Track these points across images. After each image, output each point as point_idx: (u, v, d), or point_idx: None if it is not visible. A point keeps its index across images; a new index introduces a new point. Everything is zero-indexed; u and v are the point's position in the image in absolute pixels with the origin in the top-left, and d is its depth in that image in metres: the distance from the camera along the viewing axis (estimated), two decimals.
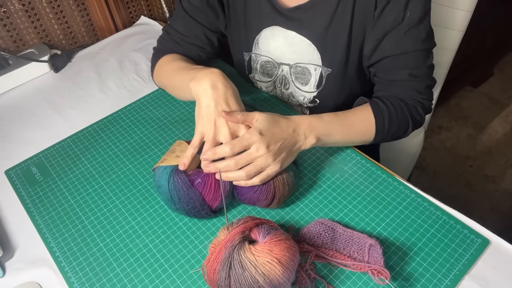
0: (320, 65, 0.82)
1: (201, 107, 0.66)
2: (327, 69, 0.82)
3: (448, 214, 0.70)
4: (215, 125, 0.65)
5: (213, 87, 0.65)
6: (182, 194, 0.65)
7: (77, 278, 0.65)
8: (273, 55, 0.86)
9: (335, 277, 0.63)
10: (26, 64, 1.03)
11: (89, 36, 1.20)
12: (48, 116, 0.95)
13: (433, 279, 0.62)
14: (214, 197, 0.66)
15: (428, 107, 0.80)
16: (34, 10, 1.05)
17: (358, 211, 0.71)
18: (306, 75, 0.84)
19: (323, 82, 0.84)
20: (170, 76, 0.83)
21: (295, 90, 0.89)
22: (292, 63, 0.84)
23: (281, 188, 0.67)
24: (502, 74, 2.25)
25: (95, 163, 0.82)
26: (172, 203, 0.67)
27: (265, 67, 0.89)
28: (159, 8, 1.29)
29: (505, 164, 1.83)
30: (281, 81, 0.89)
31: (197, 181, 0.66)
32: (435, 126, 1.99)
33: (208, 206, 0.66)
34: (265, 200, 0.67)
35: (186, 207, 0.66)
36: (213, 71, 0.67)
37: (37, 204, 0.76)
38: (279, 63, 0.86)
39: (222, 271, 0.53)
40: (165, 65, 0.86)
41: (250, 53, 0.89)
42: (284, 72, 0.87)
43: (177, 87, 0.81)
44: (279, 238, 0.56)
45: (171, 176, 0.65)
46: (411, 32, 0.72)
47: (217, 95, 0.65)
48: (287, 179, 0.67)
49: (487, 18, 1.62)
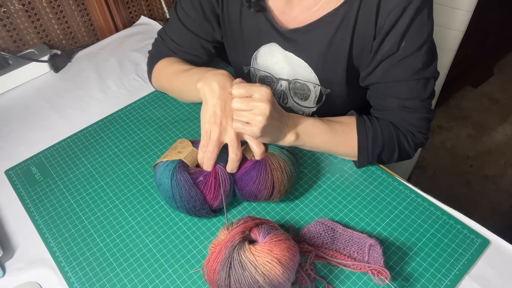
0: (318, 84, 0.81)
1: (208, 107, 0.65)
2: (326, 90, 0.81)
3: (448, 214, 0.70)
4: (221, 125, 0.64)
5: (222, 88, 0.65)
6: (184, 192, 0.64)
7: (77, 278, 0.65)
8: (271, 70, 0.84)
9: (335, 277, 0.63)
10: (26, 64, 1.03)
11: (89, 36, 1.20)
12: (48, 116, 0.95)
13: (433, 279, 0.62)
14: (214, 196, 0.66)
15: (420, 139, 0.76)
16: (34, 10, 1.06)
17: (358, 211, 0.71)
18: (305, 91, 0.83)
19: (323, 99, 0.83)
20: (171, 79, 0.83)
21: (294, 105, 0.88)
22: (291, 79, 0.83)
23: (279, 176, 0.66)
24: (502, 74, 2.25)
25: (95, 163, 0.82)
26: (174, 201, 0.66)
27: (263, 82, 0.87)
28: (159, 8, 1.29)
29: (505, 164, 1.83)
30: (280, 96, 0.88)
31: (199, 179, 0.65)
32: (435, 126, 1.99)
33: (208, 205, 0.66)
34: (266, 190, 0.66)
35: (187, 205, 0.66)
36: (222, 72, 0.67)
37: (37, 204, 0.76)
38: (278, 78, 0.85)
39: (222, 271, 0.53)
40: (165, 69, 0.86)
41: (249, 67, 0.88)
42: (283, 87, 0.85)
43: (181, 90, 0.80)
44: (279, 238, 0.56)
45: (173, 174, 0.65)
46: (404, 61, 0.69)
47: (226, 96, 0.65)
48: (285, 167, 0.67)
49: (487, 18, 1.62)
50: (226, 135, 0.65)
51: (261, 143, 0.66)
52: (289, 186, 0.68)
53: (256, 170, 0.65)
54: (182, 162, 0.66)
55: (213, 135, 0.64)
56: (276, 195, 0.68)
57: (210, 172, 0.66)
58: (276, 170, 0.66)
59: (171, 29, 0.87)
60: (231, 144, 0.65)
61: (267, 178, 0.65)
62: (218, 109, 0.64)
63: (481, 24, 1.56)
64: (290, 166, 0.68)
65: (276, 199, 0.69)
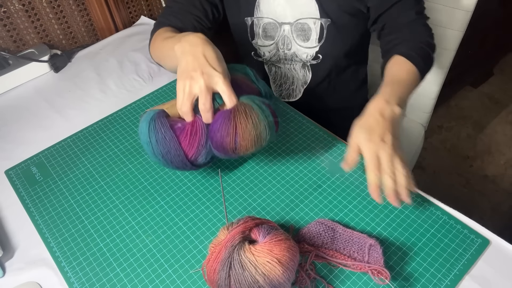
0: (318, 17, 0.87)
1: (181, 65, 0.68)
2: (327, 20, 0.87)
3: (448, 214, 0.70)
4: (192, 79, 0.66)
5: (192, 45, 0.68)
6: (160, 135, 0.66)
7: (77, 278, 0.65)
8: (274, 15, 0.90)
9: (335, 277, 0.63)
10: (26, 64, 1.03)
11: (89, 36, 1.20)
12: (48, 116, 0.95)
13: (433, 279, 0.62)
14: (190, 144, 0.67)
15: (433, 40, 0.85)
16: (34, 10, 1.06)
17: (358, 211, 0.71)
18: (306, 31, 0.89)
19: (324, 34, 0.89)
20: (160, 46, 0.85)
21: (298, 48, 0.93)
22: (293, 21, 0.89)
23: (242, 122, 0.64)
24: (502, 74, 2.25)
25: (95, 163, 0.82)
26: (150, 145, 0.67)
27: (267, 30, 0.92)
28: (159, 8, 1.29)
29: (505, 164, 1.83)
30: (283, 42, 0.93)
31: (176, 126, 0.67)
32: (435, 126, 1.99)
33: (183, 151, 0.67)
34: (228, 137, 0.64)
35: (162, 150, 0.66)
36: (197, 34, 0.70)
37: (37, 204, 0.76)
38: (280, 23, 0.90)
39: (222, 271, 0.53)
40: (157, 37, 0.88)
41: (252, 18, 0.92)
42: (286, 32, 0.91)
43: (166, 56, 0.81)
44: (279, 238, 0.56)
45: (152, 119, 0.67)
46: None
47: (194, 51, 0.67)
48: (250, 113, 0.65)
49: (487, 18, 1.62)
50: (196, 86, 0.66)
51: (233, 95, 0.66)
52: (255, 135, 0.65)
53: (221, 117, 0.65)
54: (164, 111, 0.69)
55: (186, 88, 0.66)
56: (242, 144, 0.65)
57: (190, 121, 0.67)
58: (240, 115, 0.64)
59: (163, 12, 0.92)
60: (200, 95, 0.66)
61: (229, 124, 0.64)
62: (189, 64, 0.66)
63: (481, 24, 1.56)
64: (257, 113, 0.65)
65: (244, 150, 0.66)
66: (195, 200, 0.74)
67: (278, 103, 0.92)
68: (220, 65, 0.67)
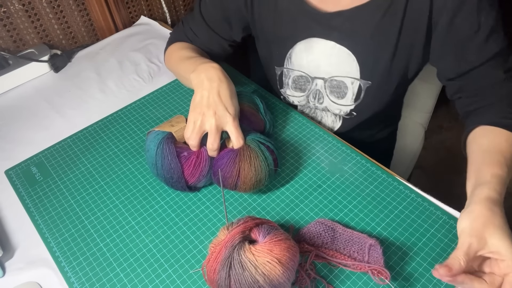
0: (358, 78, 0.78)
1: (195, 97, 0.70)
2: (367, 82, 0.79)
3: (448, 214, 0.70)
4: (204, 115, 0.68)
5: (208, 80, 0.70)
6: (166, 162, 0.69)
7: (77, 278, 0.65)
8: (306, 69, 0.83)
9: (335, 277, 0.63)
10: (26, 64, 1.03)
11: (89, 36, 1.20)
12: (48, 116, 0.95)
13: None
14: (192, 173, 0.70)
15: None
16: (34, 10, 1.05)
17: (358, 211, 0.71)
18: (342, 88, 0.81)
19: (361, 95, 0.81)
20: (176, 64, 0.86)
21: (330, 104, 0.86)
22: (327, 77, 0.81)
23: (245, 168, 0.67)
24: None
25: (95, 163, 0.82)
26: (155, 168, 0.71)
27: (297, 82, 0.86)
28: (159, 8, 1.29)
29: None
30: (315, 96, 0.86)
31: (182, 154, 0.70)
32: (435, 126, 1.99)
33: (185, 179, 0.70)
34: (231, 178, 0.68)
35: (166, 175, 0.70)
36: (213, 65, 0.72)
37: (37, 204, 0.76)
38: (313, 77, 0.83)
39: (222, 271, 0.53)
40: (174, 52, 0.89)
41: (282, 68, 0.86)
42: (318, 86, 0.84)
43: (182, 76, 0.84)
44: (279, 238, 0.56)
45: (161, 143, 0.70)
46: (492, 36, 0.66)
47: (210, 87, 0.69)
48: (254, 160, 0.68)
49: None
50: (207, 124, 0.68)
51: (240, 137, 0.68)
52: (256, 181, 0.69)
53: (227, 157, 0.68)
54: (172, 135, 0.72)
55: (197, 123, 0.69)
56: (242, 186, 0.69)
57: (195, 151, 0.71)
58: (245, 161, 0.68)
59: (192, 19, 0.90)
60: (210, 134, 0.68)
61: (234, 167, 0.68)
62: (204, 100, 0.69)
63: None
64: (260, 161, 0.68)
65: (243, 191, 0.70)
66: (195, 200, 0.74)
67: (278, 103, 0.92)
68: (232, 105, 0.69)
